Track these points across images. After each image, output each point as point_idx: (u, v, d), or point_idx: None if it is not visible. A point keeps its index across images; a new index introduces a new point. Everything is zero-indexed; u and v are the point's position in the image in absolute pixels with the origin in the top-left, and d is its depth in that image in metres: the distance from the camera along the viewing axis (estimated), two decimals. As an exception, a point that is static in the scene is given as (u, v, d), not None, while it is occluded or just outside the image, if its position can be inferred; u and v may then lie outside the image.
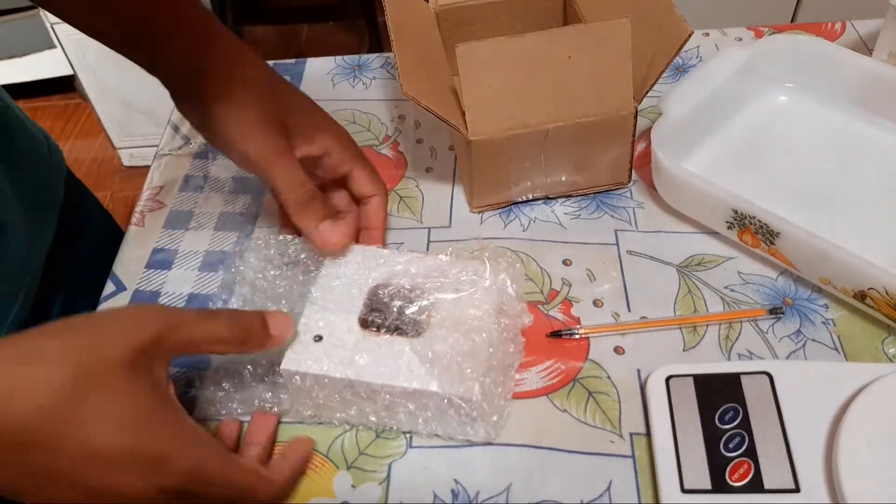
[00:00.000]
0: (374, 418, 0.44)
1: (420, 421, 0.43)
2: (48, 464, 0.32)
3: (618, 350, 0.48)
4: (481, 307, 0.44)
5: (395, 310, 0.45)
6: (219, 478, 0.36)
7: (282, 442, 0.45)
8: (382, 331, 0.44)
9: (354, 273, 0.47)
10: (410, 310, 0.45)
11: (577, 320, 0.49)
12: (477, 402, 0.41)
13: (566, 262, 0.53)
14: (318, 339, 0.43)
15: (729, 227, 0.51)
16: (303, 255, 0.49)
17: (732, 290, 0.50)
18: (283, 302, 0.47)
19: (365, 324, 0.44)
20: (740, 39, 0.71)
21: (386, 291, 0.46)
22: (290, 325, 0.42)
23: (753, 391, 0.43)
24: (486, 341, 0.43)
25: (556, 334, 0.48)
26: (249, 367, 0.45)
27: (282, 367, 0.42)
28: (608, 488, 0.42)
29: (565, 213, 0.57)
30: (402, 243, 0.55)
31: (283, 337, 0.42)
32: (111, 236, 0.63)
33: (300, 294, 0.47)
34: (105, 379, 0.33)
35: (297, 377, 0.42)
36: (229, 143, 0.47)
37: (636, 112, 0.52)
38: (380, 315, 0.45)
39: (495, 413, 0.43)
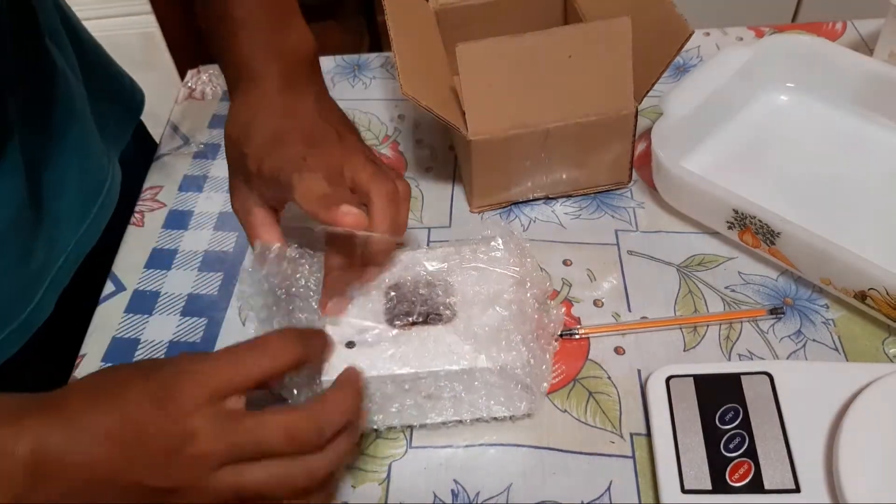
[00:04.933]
0: (414, 412, 0.43)
1: (466, 404, 0.43)
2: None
3: (618, 350, 0.48)
4: (506, 280, 0.44)
5: (421, 299, 0.44)
6: (214, 365, 0.35)
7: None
8: (412, 322, 0.43)
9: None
10: (437, 295, 0.44)
11: (578, 320, 0.49)
12: (529, 368, 0.41)
13: (566, 262, 0.53)
14: (351, 345, 0.43)
15: (729, 227, 0.51)
16: (312, 262, 0.48)
17: (733, 291, 0.50)
18: (301, 315, 0.46)
19: (393, 320, 0.44)
20: (741, 39, 0.71)
21: (407, 283, 0.45)
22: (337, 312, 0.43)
23: (754, 391, 0.43)
24: (522, 310, 0.43)
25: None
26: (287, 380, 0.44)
27: (323, 378, 0.41)
28: (608, 489, 0.42)
29: (566, 213, 0.56)
30: (401, 244, 0.55)
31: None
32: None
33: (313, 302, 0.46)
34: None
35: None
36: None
37: (637, 112, 0.52)
38: (406, 307, 0.44)
39: (544, 380, 0.43)
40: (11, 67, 0.49)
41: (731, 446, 0.41)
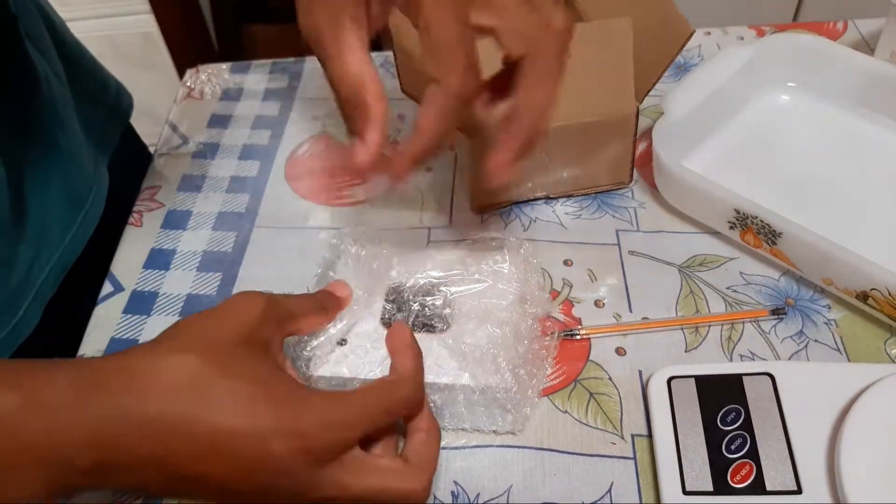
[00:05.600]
0: None
1: (447, 415, 0.43)
2: (188, 450, 0.31)
3: (619, 351, 0.48)
4: (506, 297, 0.44)
5: (417, 307, 0.44)
6: (355, 416, 0.34)
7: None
8: None
9: (370, 275, 0.46)
10: (435, 305, 0.44)
11: (579, 321, 0.49)
12: (511, 394, 0.41)
13: (567, 263, 0.53)
14: (343, 342, 0.43)
15: (731, 227, 0.51)
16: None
17: (734, 291, 0.50)
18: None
19: (388, 323, 0.44)
20: (742, 38, 0.71)
21: (406, 289, 0.45)
22: (346, 287, 0.44)
23: (755, 392, 0.42)
24: (516, 331, 0.43)
25: (556, 335, 0.48)
26: None
27: (310, 371, 0.42)
28: (609, 490, 0.41)
29: (566, 213, 0.56)
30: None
31: (347, 298, 0.43)
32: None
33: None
34: (227, 361, 0.32)
35: (322, 382, 0.42)
36: None
37: (638, 111, 0.52)
38: (403, 313, 0.44)
39: (528, 404, 0.43)
40: None
41: (733, 447, 0.40)
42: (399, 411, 0.36)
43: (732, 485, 0.39)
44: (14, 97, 0.50)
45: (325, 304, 0.42)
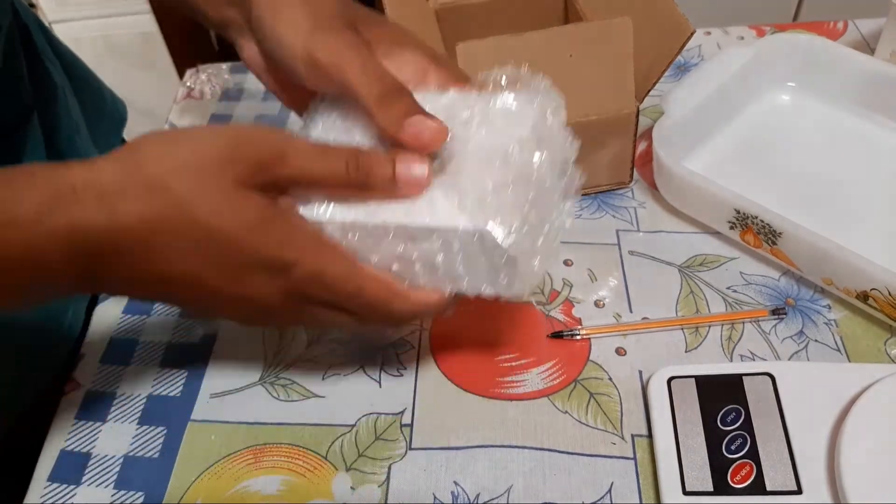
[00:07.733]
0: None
1: (441, 273, 0.36)
2: (179, 257, 0.32)
3: (619, 351, 0.48)
4: (516, 134, 0.37)
5: None
6: (344, 284, 0.34)
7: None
8: None
9: (356, 116, 0.39)
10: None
11: (579, 321, 0.49)
12: (516, 237, 0.35)
13: (567, 263, 0.53)
14: None
15: (731, 227, 0.51)
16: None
17: (734, 291, 0.50)
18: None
19: None
20: (742, 38, 0.71)
21: None
22: (425, 173, 0.35)
23: (755, 392, 0.42)
24: (526, 172, 0.36)
25: (557, 335, 0.48)
26: None
27: (301, 210, 0.36)
28: (609, 490, 0.41)
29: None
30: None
31: (418, 185, 0.35)
32: None
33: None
34: (215, 190, 0.33)
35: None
36: (287, 42, 0.38)
37: (638, 111, 0.52)
38: None
39: (537, 256, 0.36)
40: (27, 90, 0.47)
41: (733, 447, 0.40)
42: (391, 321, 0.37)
43: (732, 485, 0.39)
44: (41, 111, 0.50)
45: (369, 182, 0.35)
